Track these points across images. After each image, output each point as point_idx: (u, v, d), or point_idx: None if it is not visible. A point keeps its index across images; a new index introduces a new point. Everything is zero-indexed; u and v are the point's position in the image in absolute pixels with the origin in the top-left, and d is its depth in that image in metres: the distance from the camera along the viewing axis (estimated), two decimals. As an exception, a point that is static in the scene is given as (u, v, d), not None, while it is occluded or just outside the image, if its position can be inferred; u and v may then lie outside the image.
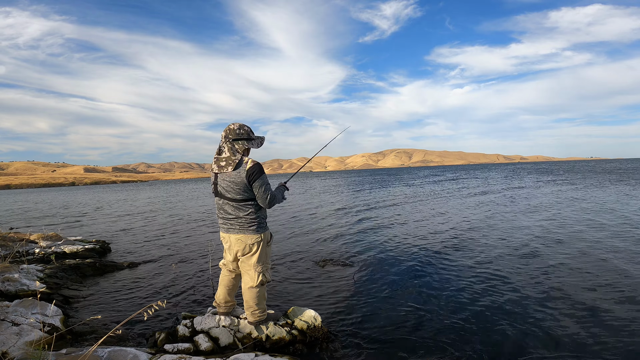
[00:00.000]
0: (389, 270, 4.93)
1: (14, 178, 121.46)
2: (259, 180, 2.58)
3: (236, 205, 2.66)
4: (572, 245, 5.79)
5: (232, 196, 2.63)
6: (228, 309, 3.06)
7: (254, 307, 2.85)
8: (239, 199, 2.63)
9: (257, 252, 2.75)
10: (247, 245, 2.72)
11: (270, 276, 2.93)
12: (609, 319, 3.19)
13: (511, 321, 3.21)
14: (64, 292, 4.25)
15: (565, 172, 37.21)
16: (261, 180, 2.59)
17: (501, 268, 4.76)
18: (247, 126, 2.70)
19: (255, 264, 2.76)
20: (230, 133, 2.64)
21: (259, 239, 2.72)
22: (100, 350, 2.39)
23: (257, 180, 2.58)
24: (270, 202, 2.65)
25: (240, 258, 2.82)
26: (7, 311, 2.94)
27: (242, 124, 2.69)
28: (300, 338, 2.90)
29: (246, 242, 2.71)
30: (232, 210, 2.68)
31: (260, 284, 2.81)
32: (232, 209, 2.68)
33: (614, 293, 3.77)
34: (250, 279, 2.81)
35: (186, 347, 2.64)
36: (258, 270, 2.78)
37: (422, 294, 3.97)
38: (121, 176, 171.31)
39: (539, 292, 3.87)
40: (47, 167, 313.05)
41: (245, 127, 2.68)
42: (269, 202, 2.65)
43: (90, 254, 6.27)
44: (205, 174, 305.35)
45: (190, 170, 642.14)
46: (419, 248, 6.10)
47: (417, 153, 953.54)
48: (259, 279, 2.78)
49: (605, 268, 4.58)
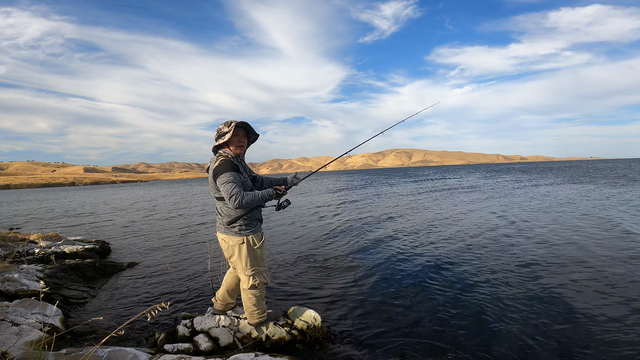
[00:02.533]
0: (388, 270, 4.93)
1: (14, 178, 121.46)
2: (221, 178, 2.43)
3: (219, 203, 2.64)
4: (567, 244, 5.80)
5: (213, 193, 2.62)
6: (224, 307, 3.03)
7: (252, 308, 2.84)
8: (217, 197, 2.61)
9: (240, 255, 2.64)
10: (230, 246, 2.65)
11: (266, 278, 2.81)
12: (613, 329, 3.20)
13: (511, 322, 3.21)
14: (64, 292, 4.24)
15: (562, 172, 37.31)
16: (224, 178, 2.42)
17: (502, 269, 4.76)
18: (223, 124, 2.59)
19: (243, 267, 2.68)
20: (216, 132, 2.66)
21: (241, 241, 2.61)
22: (100, 350, 2.39)
23: (220, 178, 2.44)
24: (234, 202, 2.39)
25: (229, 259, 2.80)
26: (7, 311, 2.94)
27: (224, 123, 2.60)
28: (300, 338, 2.90)
29: (228, 243, 2.65)
30: (217, 208, 2.69)
31: (253, 287, 2.74)
32: (217, 207, 2.69)
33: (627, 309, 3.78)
34: (242, 281, 2.78)
35: (186, 347, 2.64)
36: (247, 274, 2.71)
37: (422, 294, 3.98)
38: (121, 176, 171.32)
39: (540, 293, 3.88)
40: (47, 167, 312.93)
41: (220, 126, 2.62)
42: (232, 203, 2.39)
43: (90, 254, 6.26)
44: (205, 174, 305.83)
45: (190, 170, 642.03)
46: (419, 249, 6.10)
47: (417, 153, 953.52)
48: (249, 283, 2.73)
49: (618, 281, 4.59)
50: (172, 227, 9.97)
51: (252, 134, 2.74)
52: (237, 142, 2.61)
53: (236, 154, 2.62)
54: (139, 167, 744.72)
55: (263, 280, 2.79)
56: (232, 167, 2.48)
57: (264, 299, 2.91)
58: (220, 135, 2.59)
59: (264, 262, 2.79)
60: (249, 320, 2.90)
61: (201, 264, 5.58)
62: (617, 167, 45.17)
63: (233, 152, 2.61)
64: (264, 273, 2.81)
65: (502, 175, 35.96)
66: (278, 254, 6.06)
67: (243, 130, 2.65)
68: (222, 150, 2.62)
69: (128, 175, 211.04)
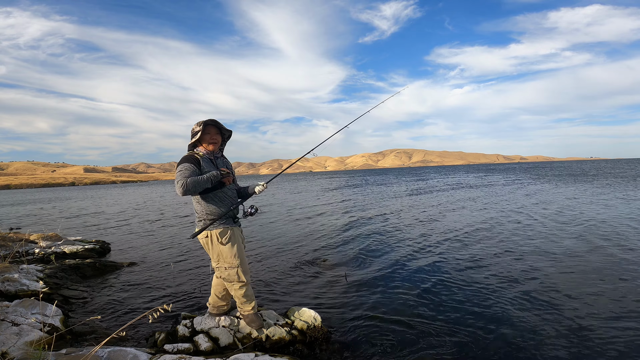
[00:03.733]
0: (388, 270, 4.93)
1: (14, 178, 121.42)
2: (176, 170, 2.55)
3: (193, 201, 2.74)
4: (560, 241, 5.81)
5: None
6: (217, 311, 3.01)
7: (237, 302, 2.88)
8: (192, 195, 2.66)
9: (208, 249, 2.73)
10: (201, 240, 2.73)
11: (240, 277, 2.73)
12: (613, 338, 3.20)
13: (510, 323, 3.21)
14: (64, 292, 4.24)
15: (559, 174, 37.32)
16: (176, 169, 2.54)
17: (497, 266, 4.76)
18: (196, 124, 2.67)
19: (212, 260, 2.76)
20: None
21: (205, 235, 2.68)
22: (100, 350, 2.38)
23: (175, 170, 2.56)
24: (179, 188, 2.45)
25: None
26: (7, 311, 2.94)
27: (197, 122, 2.67)
28: (300, 338, 2.90)
29: (199, 237, 2.71)
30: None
31: (228, 281, 2.76)
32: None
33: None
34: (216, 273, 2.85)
35: (186, 347, 2.64)
36: (218, 267, 2.76)
37: (421, 293, 3.98)
38: (121, 176, 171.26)
39: (540, 294, 3.89)
40: (47, 167, 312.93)
41: (193, 126, 2.69)
42: (178, 189, 2.46)
43: (90, 254, 6.27)
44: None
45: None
46: (418, 248, 6.11)
47: (417, 153, 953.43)
48: (218, 274, 2.79)
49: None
50: (172, 227, 9.97)
51: (224, 131, 2.82)
52: (208, 139, 2.71)
53: (209, 150, 2.72)
54: (139, 167, 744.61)
55: (241, 279, 2.74)
56: (187, 159, 2.57)
57: (247, 296, 2.82)
58: (193, 135, 2.69)
59: (233, 259, 2.70)
60: (238, 313, 2.98)
61: (201, 264, 5.58)
62: (616, 166, 45.10)
63: (206, 148, 2.71)
64: (237, 270, 2.72)
65: (497, 174, 35.94)
66: (278, 254, 6.06)
67: (214, 127, 2.73)
68: (197, 149, 2.73)
69: (128, 175, 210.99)
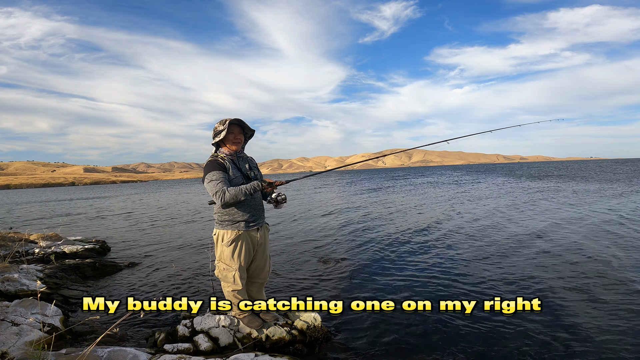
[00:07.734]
0: (388, 270, 4.93)
1: (14, 178, 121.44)
2: (205, 179, 2.55)
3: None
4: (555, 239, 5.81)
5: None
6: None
7: (231, 303, 2.84)
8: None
9: (215, 246, 2.78)
10: (213, 237, 2.78)
11: (235, 281, 2.68)
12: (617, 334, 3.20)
13: (511, 325, 3.21)
14: (63, 292, 4.24)
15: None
16: (207, 178, 2.54)
17: (504, 269, 4.76)
18: (219, 122, 2.67)
19: (216, 258, 2.79)
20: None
21: (214, 233, 2.75)
22: (100, 350, 2.39)
23: (205, 177, 2.56)
24: (218, 199, 2.47)
25: None
26: (7, 311, 2.94)
27: (220, 121, 2.68)
28: (300, 338, 2.90)
29: (213, 234, 2.78)
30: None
31: (222, 281, 2.77)
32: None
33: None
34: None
35: (186, 347, 2.64)
36: (217, 264, 2.78)
37: (421, 293, 3.97)
38: (121, 176, 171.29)
39: (538, 294, 3.89)
40: (47, 167, 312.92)
41: (216, 124, 2.69)
42: (217, 200, 2.48)
43: (90, 254, 6.27)
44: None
45: (190, 170, 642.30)
46: (419, 248, 6.10)
47: (417, 153, 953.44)
48: (218, 274, 2.79)
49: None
50: (172, 227, 9.97)
51: (247, 130, 2.81)
52: (232, 139, 2.69)
53: (233, 150, 2.71)
54: (139, 167, 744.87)
55: (233, 281, 2.70)
56: (215, 166, 2.56)
57: (238, 298, 2.78)
58: (216, 134, 2.68)
59: (231, 262, 2.67)
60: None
61: (201, 263, 5.58)
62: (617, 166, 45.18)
63: (229, 149, 2.70)
64: (230, 273, 2.69)
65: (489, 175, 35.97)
66: (277, 253, 6.06)
67: (238, 127, 2.73)
68: (219, 150, 2.73)
69: (128, 175, 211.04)
